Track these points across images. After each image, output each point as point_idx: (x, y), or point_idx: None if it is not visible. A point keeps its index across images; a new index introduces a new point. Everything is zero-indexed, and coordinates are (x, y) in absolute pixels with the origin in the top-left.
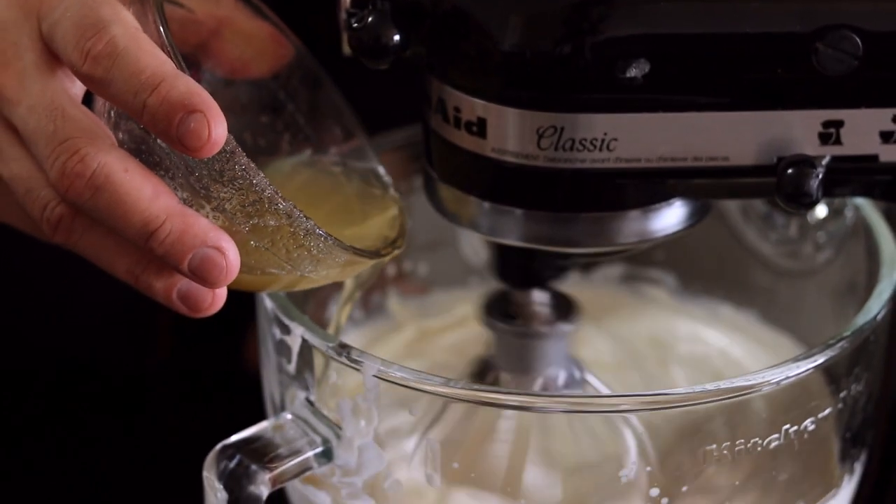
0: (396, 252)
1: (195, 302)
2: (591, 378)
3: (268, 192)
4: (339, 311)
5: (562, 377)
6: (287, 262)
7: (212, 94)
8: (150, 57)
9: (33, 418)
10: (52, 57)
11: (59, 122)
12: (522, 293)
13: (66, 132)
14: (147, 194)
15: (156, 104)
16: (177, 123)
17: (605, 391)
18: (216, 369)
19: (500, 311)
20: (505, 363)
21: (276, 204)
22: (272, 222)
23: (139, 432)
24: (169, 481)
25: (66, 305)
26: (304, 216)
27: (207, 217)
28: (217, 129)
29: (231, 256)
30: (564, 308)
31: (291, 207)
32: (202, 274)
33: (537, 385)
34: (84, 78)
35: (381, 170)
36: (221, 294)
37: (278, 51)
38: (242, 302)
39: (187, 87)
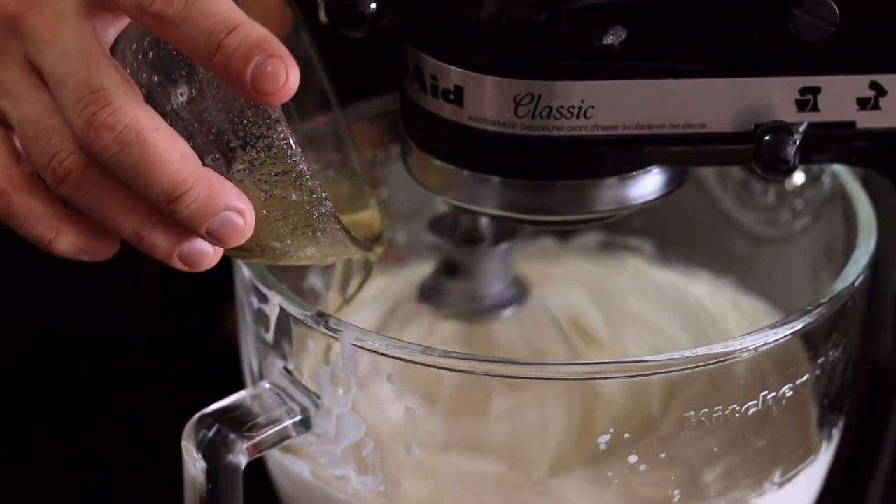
0: (381, 250)
1: (195, 261)
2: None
3: (301, 166)
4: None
5: (504, 295)
6: (289, 237)
7: None
8: (224, 0)
9: (13, 390)
10: (93, 3)
11: (94, 69)
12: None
13: (98, 81)
14: (175, 156)
15: (233, 45)
16: (254, 66)
17: (552, 307)
18: (196, 340)
19: (445, 229)
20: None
21: (304, 179)
22: (294, 196)
23: (119, 402)
24: (148, 451)
25: (45, 277)
26: (326, 198)
27: (229, 179)
28: (292, 77)
29: (248, 219)
30: (502, 228)
31: (317, 186)
32: (218, 235)
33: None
34: (151, 17)
35: (358, 168)
36: (220, 251)
37: (282, 20)
38: (221, 273)
39: (265, 31)
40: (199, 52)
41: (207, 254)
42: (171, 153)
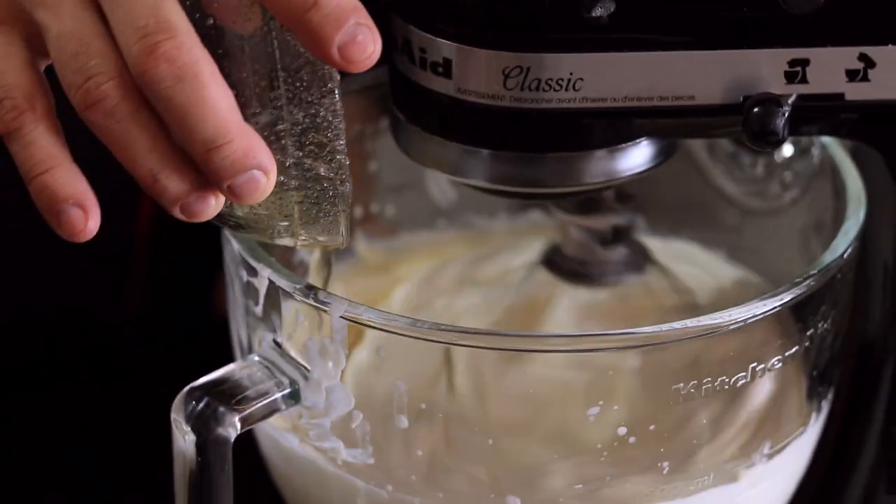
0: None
1: (196, 212)
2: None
3: (340, 141)
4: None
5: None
6: (294, 213)
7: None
8: None
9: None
10: None
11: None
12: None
13: (165, 12)
14: (225, 105)
15: (330, 4)
16: (345, 31)
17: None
18: (185, 314)
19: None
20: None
21: (338, 155)
22: (322, 170)
23: (108, 378)
24: (138, 425)
25: (33, 255)
26: (350, 179)
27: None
28: (377, 50)
29: (271, 181)
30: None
31: (347, 165)
32: (238, 192)
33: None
34: None
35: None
36: (219, 206)
37: None
38: (211, 247)
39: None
40: (291, 5)
41: (209, 207)
42: (222, 101)
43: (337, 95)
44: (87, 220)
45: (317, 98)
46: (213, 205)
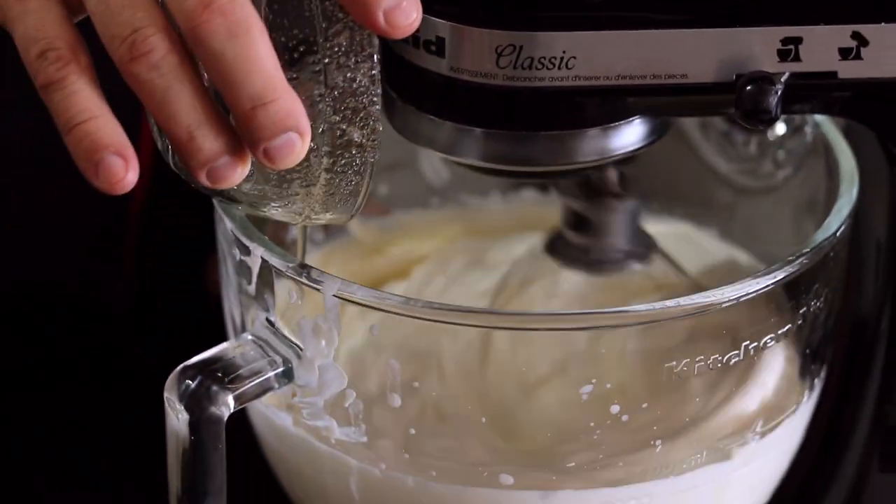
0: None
1: (223, 175)
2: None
3: (377, 107)
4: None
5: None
6: (319, 180)
7: None
8: None
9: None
10: None
11: None
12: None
13: None
14: (272, 64)
15: None
16: None
17: (670, 268)
18: (178, 293)
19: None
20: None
21: (372, 121)
22: (355, 136)
23: (100, 356)
24: (131, 404)
25: (28, 230)
26: (379, 149)
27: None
28: (420, 14)
29: (306, 144)
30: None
31: (380, 130)
32: (274, 153)
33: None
34: None
35: None
36: (245, 172)
37: None
38: (205, 225)
39: None
40: None
41: (236, 173)
42: (270, 59)
43: (376, 60)
44: (126, 169)
45: (354, 63)
46: (240, 172)
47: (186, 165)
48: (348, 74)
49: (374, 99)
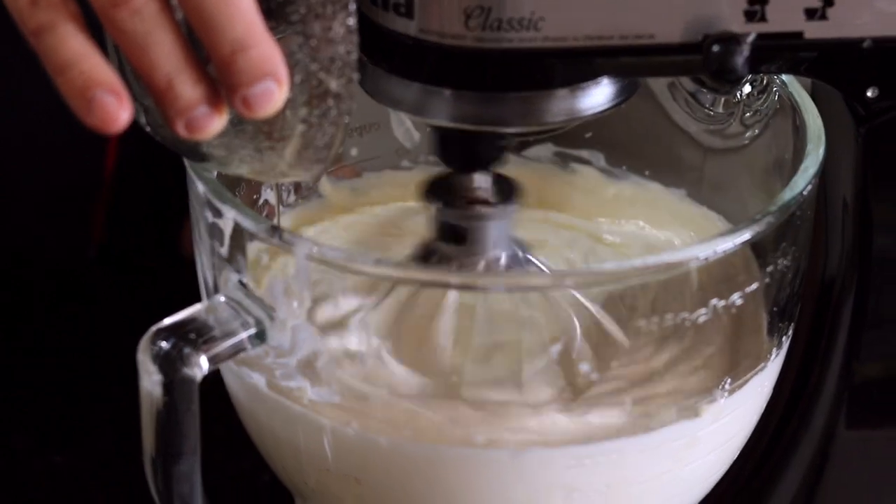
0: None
1: (201, 125)
2: (533, 259)
3: (353, 56)
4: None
5: (504, 258)
6: (296, 132)
7: None
8: None
9: None
10: None
11: None
12: (464, 176)
13: None
14: (253, 10)
15: None
16: None
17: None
18: (152, 256)
19: (443, 193)
20: (448, 245)
21: (348, 70)
22: (333, 85)
23: (75, 318)
24: (105, 366)
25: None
26: (352, 104)
27: None
28: None
29: (284, 92)
30: (506, 189)
31: (356, 80)
32: (253, 101)
33: (480, 266)
34: None
35: None
36: (223, 122)
37: None
38: (178, 188)
39: None
40: None
41: (214, 122)
42: (251, 7)
43: (352, 9)
44: (120, 107)
45: (332, 12)
46: (218, 122)
47: (164, 115)
48: (325, 24)
49: (351, 48)
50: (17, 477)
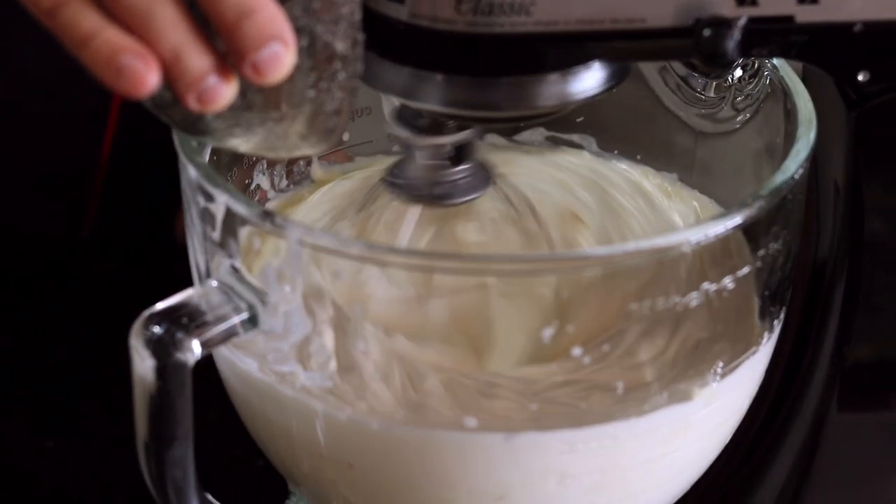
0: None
1: (211, 98)
2: (501, 188)
3: (357, 17)
4: None
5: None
6: (307, 98)
7: None
8: None
9: None
10: None
11: None
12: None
13: None
14: None
15: None
16: None
17: (515, 194)
18: (145, 239)
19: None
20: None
21: (353, 31)
22: (339, 47)
23: (67, 303)
24: (97, 351)
25: None
26: (358, 67)
27: None
28: None
29: (291, 56)
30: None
31: (361, 41)
32: (261, 67)
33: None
34: None
35: None
36: (233, 92)
37: None
38: (172, 172)
39: None
40: None
41: (225, 92)
42: None
43: None
44: (149, 70)
45: None
46: (229, 92)
47: (175, 90)
48: None
49: (354, 8)
50: (9, 462)
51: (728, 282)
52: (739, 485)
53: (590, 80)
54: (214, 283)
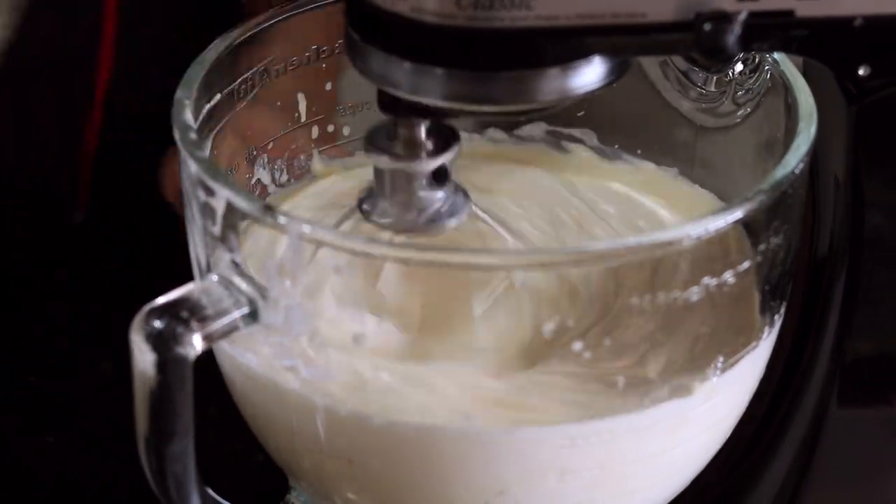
0: None
1: None
2: (476, 210)
3: None
4: None
5: (446, 205)
6: None
7: None
8: None
9: None
10: None
11: None
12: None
13: None
14: None
15: None
16: None
17: (489, 219)
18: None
19: (383, 142)
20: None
21: None
22: None
23: (66, 297)
24: (97, 346)
25: None
26: None
27: None
28: None
29: None
30: (444, 137)
31: None
32: None
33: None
34: None
35: None
36: None
37: None
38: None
39: None
40: None
41: None
42: None
43: None
44: None
45: None
46: None
47: None
48: None
49: None
50: (9, 457)
51: (728, 276)
52: (739, 480)
53: (590, 74)
54: (215, 278)
